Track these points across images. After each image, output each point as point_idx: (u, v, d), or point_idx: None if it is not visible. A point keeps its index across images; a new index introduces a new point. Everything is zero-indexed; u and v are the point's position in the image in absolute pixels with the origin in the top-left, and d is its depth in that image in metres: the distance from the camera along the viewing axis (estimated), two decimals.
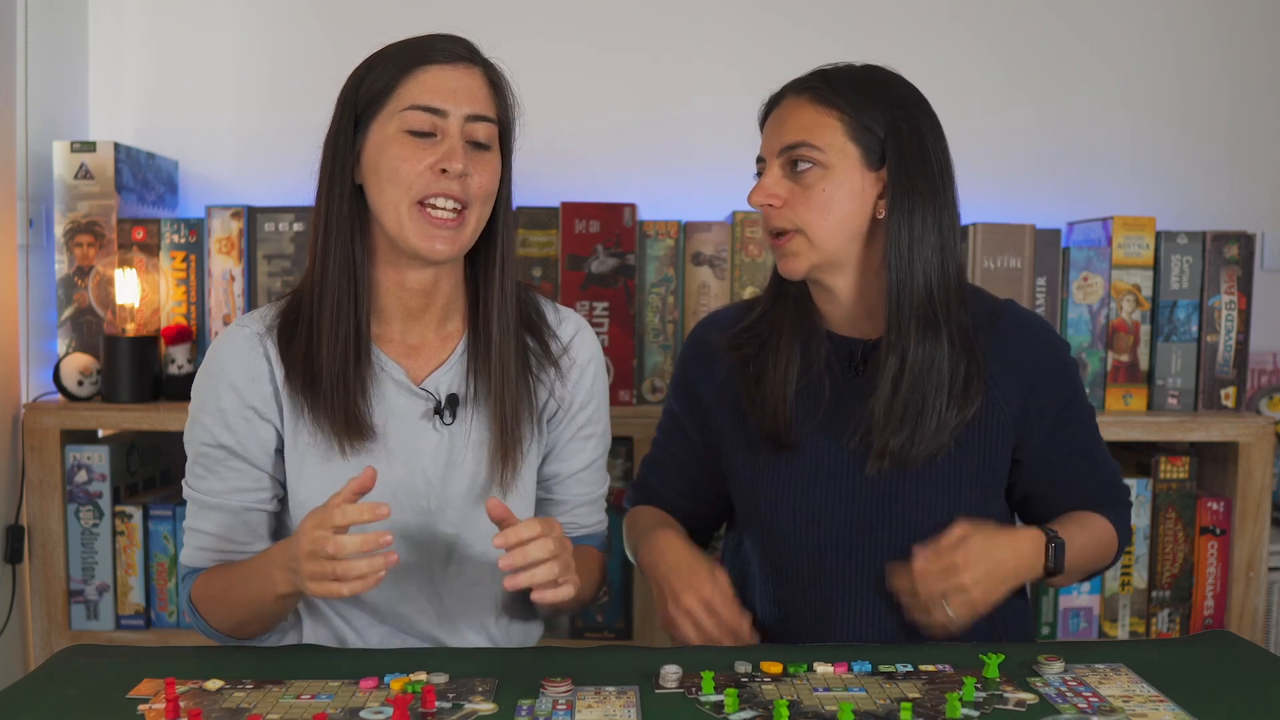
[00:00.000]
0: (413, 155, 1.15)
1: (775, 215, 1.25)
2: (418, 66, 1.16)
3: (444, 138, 1.16)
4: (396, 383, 1.23)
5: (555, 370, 1.29)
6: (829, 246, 1.24)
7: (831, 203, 1.22)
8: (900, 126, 1.22)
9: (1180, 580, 1.91)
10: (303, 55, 2.13)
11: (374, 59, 1.19)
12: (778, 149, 1.25)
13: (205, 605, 1.22)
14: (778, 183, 1.24)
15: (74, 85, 2.10)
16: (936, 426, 1.23)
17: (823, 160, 1.22)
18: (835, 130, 1.22)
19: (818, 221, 1.23)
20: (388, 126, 1.16)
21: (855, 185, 1.23)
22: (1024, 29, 2.15)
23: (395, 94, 1.16)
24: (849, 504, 1.27)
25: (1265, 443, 1.84)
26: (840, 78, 1.25)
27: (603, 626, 1.94)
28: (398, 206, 1.16)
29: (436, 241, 1.16)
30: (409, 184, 1.15)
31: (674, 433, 1.42)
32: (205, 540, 1.23)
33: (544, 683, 1.00)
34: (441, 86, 1.16)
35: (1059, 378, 1.30)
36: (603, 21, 2.14)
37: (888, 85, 1.25)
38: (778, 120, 1.27)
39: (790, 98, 1.27)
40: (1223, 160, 2.16)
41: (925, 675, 1.05)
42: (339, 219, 1.18)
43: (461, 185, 1.15)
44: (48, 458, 1.84)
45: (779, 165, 1.25)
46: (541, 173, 1.97)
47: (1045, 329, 1.34)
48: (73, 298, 1.92)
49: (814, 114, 1.23)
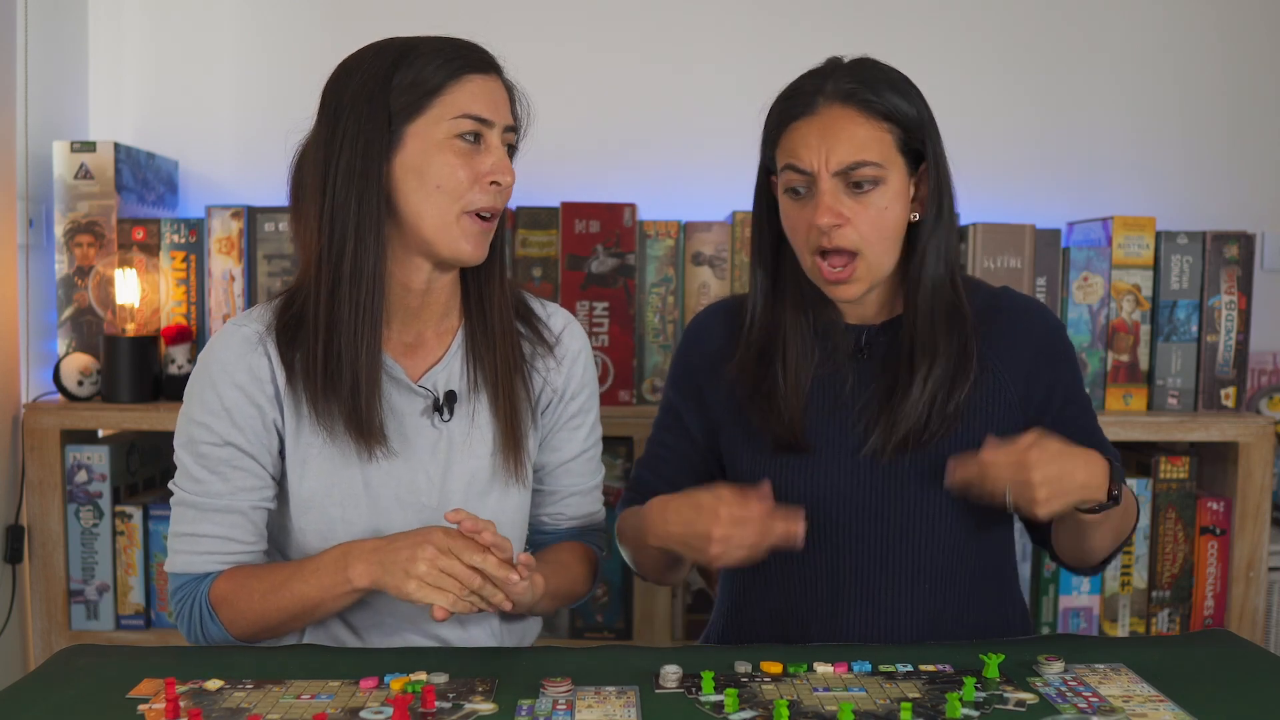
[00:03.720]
0: (465, 163, 1.16)
1: (839, 234, 1.20)
2: (464, 74, 1.16)
3: (489, 148, 1.17)
4: (395, 381, 1.23)
5: (551, 357, 1.30)
6: (885, 266, 1.24)
7: (889, 218, 1.22)
8: (928, 126, 1.23)
9: (1180, 580, 1.91)
10: (303, 55, 2.13)
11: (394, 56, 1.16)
12: (833, 167, 1.19)
13: (232, 606, 1.19)
14: (839, 200, 1.20)
15: (74, 85, 2.10)
16: (944, 407, 1.24)
17: (883, 176, 1.21)
18: (888, 144, 1.21)
19: (876, 240, 1.21)
20: (434, 132, 1.15)
21: (904, 194, 1.23)
22: (1024, 28, 2.15)
23: (442, 98, 1.15)
24: (858, 491, 1.27)
25: (1265, 443, 1.84)
26: (878, 84, 1.21)
27: (603, 626, 1.94)
28: (444, 213, 1.16)
29: (479, 247, 1.19)
30: (460, 193, 1.16)
31: (673, 426, 1.39)
32: (210, 544, 1.21)
33: (544, 683, 1.00)
34: (488, 96, 1.17)
35: (1061, 357, 1.31)
36: (603, 22, 2.14)
37: (908, 84, 1.24)
38: (823, 134, 1.20)
39: (834, 108, 1.21)
40: (1223, 160, 2.16)
41: (925, 675, 1.05)
42: (370, 221, 1.15)
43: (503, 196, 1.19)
44: (48, 458, 1.84)
45: (837, 183, 1.20)
46: (541, 173, 1.96)
47: (1044, 310, 1.34)
48: (73, 298, 1.92)
49: (868, 129, 1.20)
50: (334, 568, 1.15)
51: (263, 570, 1.21)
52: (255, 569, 1.21)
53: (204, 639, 1.21)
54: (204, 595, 1.20)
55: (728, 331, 1.35)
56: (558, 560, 1.30)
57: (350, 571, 1.14)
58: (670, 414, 1.40)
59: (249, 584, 1.19)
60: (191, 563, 1.22)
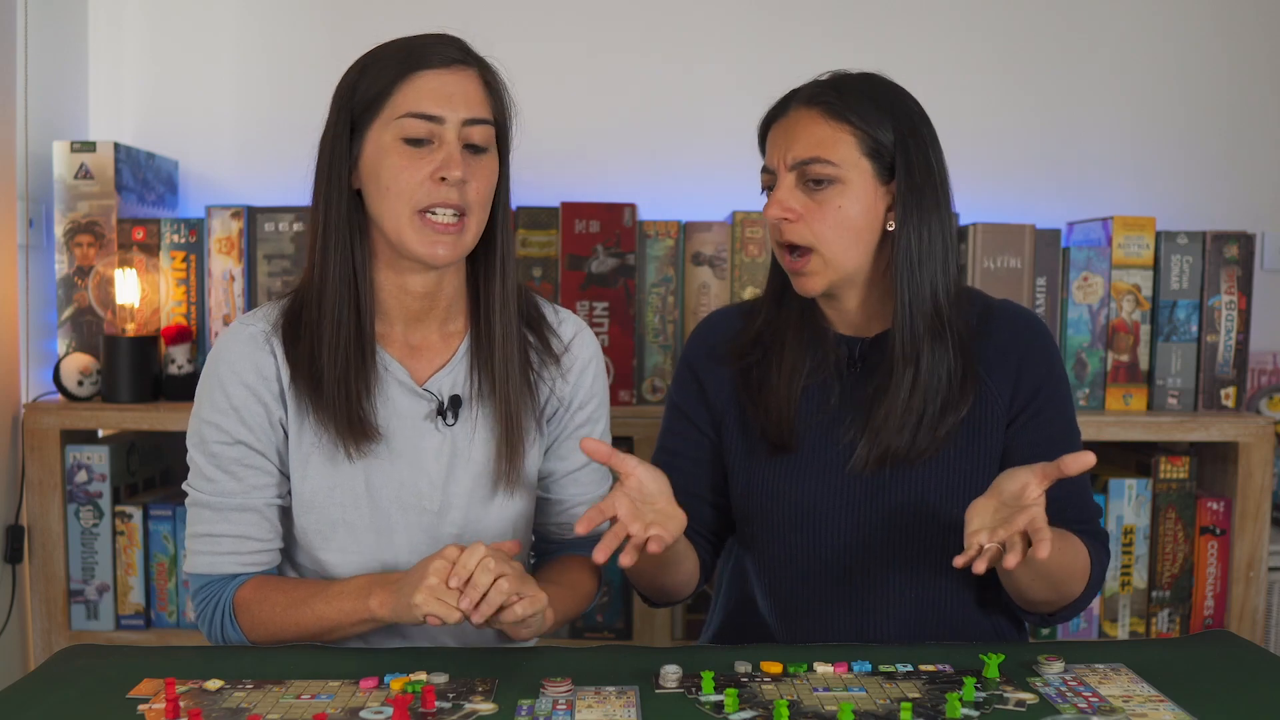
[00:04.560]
0: (411, 164, 1.15)
1: (790, 230, 1.23)
2: (412, 72, 1.16)
3: (441, 144, 1.16)
4: (400, 384, 1.23)
5: (557, 367, 1.29)
6: (845, 264, 1.23)
7: (847, 218, 1.22)
8: (908, 140, 1.22)
9: (1180, 580, 1.91)
10: (303, 55, 2.13)
11: (367, 62, 1.19)
12: (790, 162, 1.23)
13: (252, 615, 1.19)
14: (791, 195, 1.23)
15: (74, 85, 2.10)
16: (934, 429, 1.23)
17: (838, 176, 1.21)
18: (849, 145, 1.21)
19: (834, 238, 1.22)
20: (384, 134, 1.16)
21: (869, 200, 1.23)
22: (1024, 29, 2.15)
23: (391, 100, 1.16)
24: (847, 501, 1.27)
25: (1265, 443, 1.84)
26: (849, 90, 1.23)
27: (603, 626, 1.94)
28: (398, 215, 1.16)
29: (438, 247, 1.16)
30: (409, 193, 1.15)
31: (680, 428, 1.38)
32: (229, 544, 1.21)
33: (544, 683, 1.00)
34: (437, 91, 1.15)
35: (1044, 363, 1.29)
36: (603, 21, 2.14)
37: (893, 97, 1.24)
38: (786, 133, 1.24)
39: (799, 109, 1.24)
40: (1223, 160, 2.16)
41: (925, 675, 1.05)
42: (337, 223, 1.18)
43: (460, 192, 1.16)
44: (48, 458, 1.84)
45: (792, 179, 1.23)
46: (541, 173, 1.97)
47: (1036, 323, 1.33)
48: (73, 298, 1.92)
49: (827, 129, 1.22)
50: (357, 595, 1.15)
51: (288, 584, 1.21)
52: (281, 581, 1.22)
53: (224, 641, 1.22)
54: (228, 601, 1.21)
55: (733, 333, 1.36)
56: (565, 581, 1.29)
57: (372, 600, 1.13)
58: (676, 414, 1.39)
59: (272, 595, 1.19)
60: (212, 563, 1.22)
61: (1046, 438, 1.27)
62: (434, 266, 1.19)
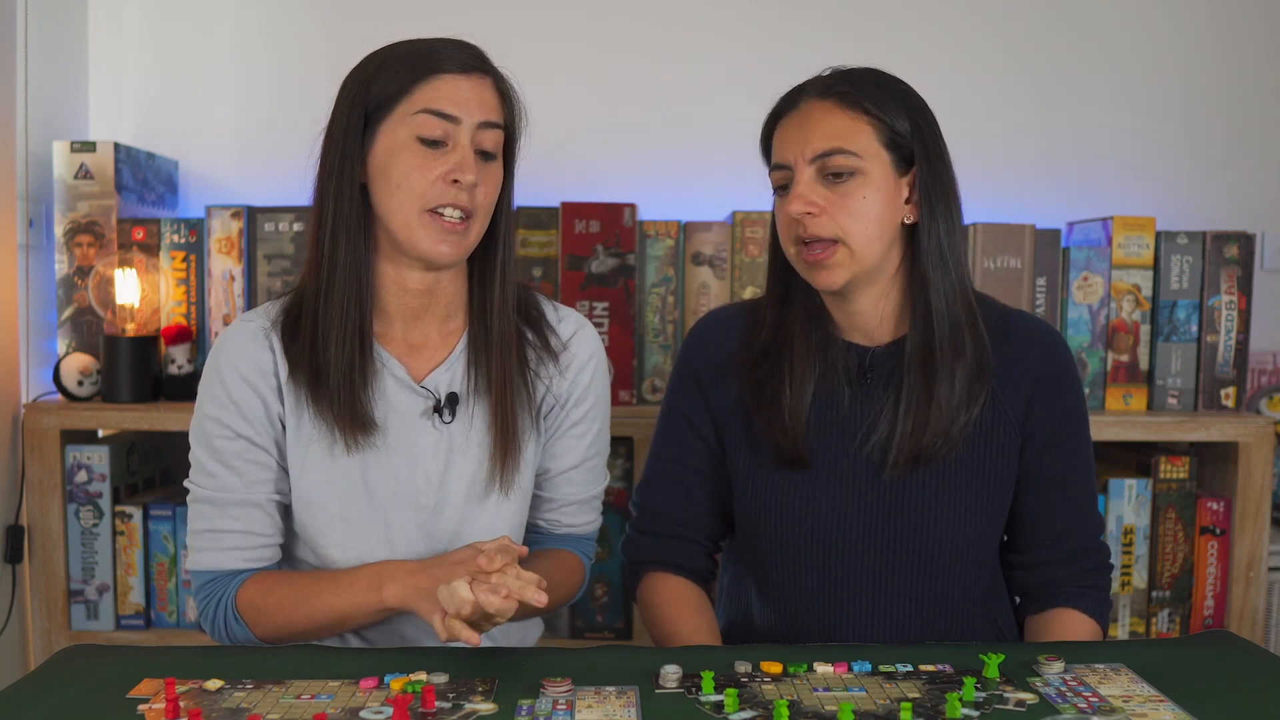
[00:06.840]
0: (425, 164, 1.16)
1: (814, 223, 1.20)
2: (432, 74, 1.16)
3: (455, 146, 1.17)
4: (397, 380, 1.23)
5: (555, 364, 1.29)
6: (869, 256, 1.21)
7: (871, 209, 1.20)
8: (923, 129, 1.22)
9: (1180, 580, 1.91)
10: (303, 55, 2.13)
11: (384, 59, 1.19)
12: (809, 156, 1.20)
13: (258, 611, 1.19)
14: (813, 189, 1.20)
15: (74, 85, 2.10)
16: (949, 427, 1.22)
17: (860, 167, 1.20)
18: (868, 135, 1.20)
19: (859, 230, 1.20)
20: (399, 131, 1.16)
21: (889, 191, 1.21)
22: (1024, 28, 2.15)
23: (408, 98, 1.16)
24: (859, 512, 1.26)
25: (1265, 443, 1.84)
26: (861, 81, 1.22)
27: (603, 626, 1.94)
28: (407, 212, 1.16)
29: (443, 245, 1.17)
30: (420, 192, 1.16)
31: (681, 436, 1.35)
32: (231, 539, 1.22)
33: (544, 683, 1.00)
34: (455, 94, 1.16)
35: (1065, 389, 1.28)
36: (603, 22, 2.14)
37: (901, 87, 1.24)
38: (801, 126, 1.22)
39: (813, 102, 1.22)
40: (1223, 160, 2.16)
41: (925, 675, 1.05)
42: (346, 218, 1.18)
43: (470, 195, 1.17)
44: (48, 458, 1.84)
45: (812, 172, 1.21)
46: (541, 173, 1.96)
47: (1054, 338, 1.31)
48: (73, 298, 1.92)
49: (845, 119, 1.20)
50: (368, 585, 1.15)
51: (293, 577, 1.21)
52: (285, 575, 1.22)
53: (228, 639, 1.22)
54: (231, 598, 1.21)
55: (733, 336, 1.34)
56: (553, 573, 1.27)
57: (384, 591, 1.14)
58: (678, 420, 1.36)
59: (278, 590, 1.19)
60: (215, 559, 1.22)
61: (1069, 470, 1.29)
62: (436, 265, 1.19)
